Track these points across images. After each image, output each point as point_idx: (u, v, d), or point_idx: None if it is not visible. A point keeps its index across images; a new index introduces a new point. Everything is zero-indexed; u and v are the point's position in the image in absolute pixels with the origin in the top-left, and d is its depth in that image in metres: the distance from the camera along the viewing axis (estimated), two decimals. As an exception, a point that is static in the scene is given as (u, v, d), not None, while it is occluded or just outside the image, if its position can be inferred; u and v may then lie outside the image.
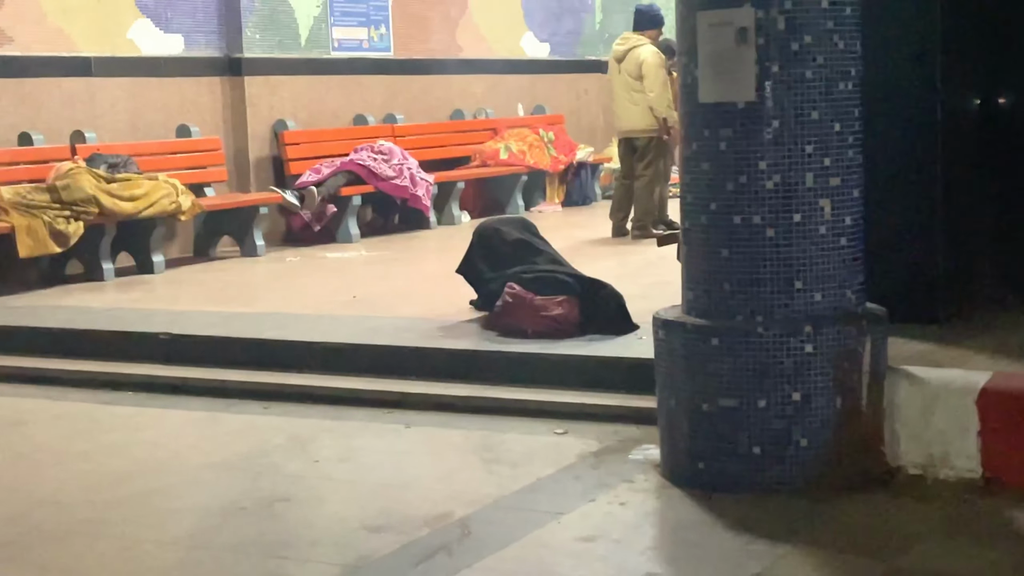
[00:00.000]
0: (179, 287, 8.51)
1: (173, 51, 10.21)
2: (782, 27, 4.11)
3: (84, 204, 8.52)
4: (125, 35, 9.87)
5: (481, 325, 6.26)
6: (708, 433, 4.21)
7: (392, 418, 5.39)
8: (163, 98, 10.10)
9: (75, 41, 9.50)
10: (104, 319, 7.16)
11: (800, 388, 4.13)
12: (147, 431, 5.46)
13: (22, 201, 8.36)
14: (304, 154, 10.85)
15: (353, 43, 11.64)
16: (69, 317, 7.27)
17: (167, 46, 10.17)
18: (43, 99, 9.28)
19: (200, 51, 10.41)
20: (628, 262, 8.35)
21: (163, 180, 9.11)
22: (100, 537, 4.09)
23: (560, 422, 5.14)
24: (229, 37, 10.59)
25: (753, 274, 4.17)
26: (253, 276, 9.14)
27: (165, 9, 10.13)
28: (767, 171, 4.14)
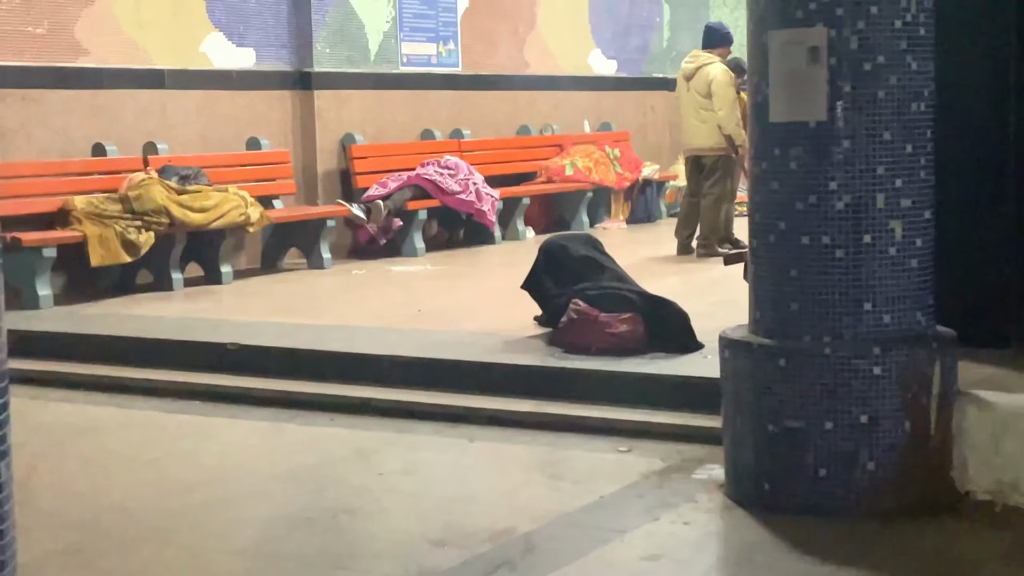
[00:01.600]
0: (247, 298, 8.59)
1: (244, 64, 10.30)
2: (855, 47, 4.09)
3: (155, 215, 8.61)
4: (198, 48, 9.98)
5: (545, 341, 6.26)
6: (774, 454, 4.19)
7: (456, 432, 5.40)
8: (234, 111, 10.19)
9: (149, 54, 9.61)
10: (173, 328, 7.24)
11: (868, 411, 4.09)
12: (214, 440, 5.51)
13: (95, 211, 8.47)
14: (371, 168, 10.91)
15: (422, 58, 11.71)
16: (138, 326, 7.36)
17: (239, 59, 10.26)
18: (117, 110, 9.39)
19: (271, 65, 10.50)
20: (693, 280, 8.32)
21: (232, 192, 9.20)
22: (168, 545, 4.12)
23: (624, 440, 5.13)
24: (300, 51, 10.68)
25: (822, 295, 4.15)
26: (319, 288, 9.20)
27: (238, 23, 10.23)
28: (837, 191, 4.12)
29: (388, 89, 11.36)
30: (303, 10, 10.61)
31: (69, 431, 5.69)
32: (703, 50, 10.19)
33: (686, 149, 10.41)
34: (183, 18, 9.86)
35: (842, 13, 4.08)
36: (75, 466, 5.14)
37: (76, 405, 6.19)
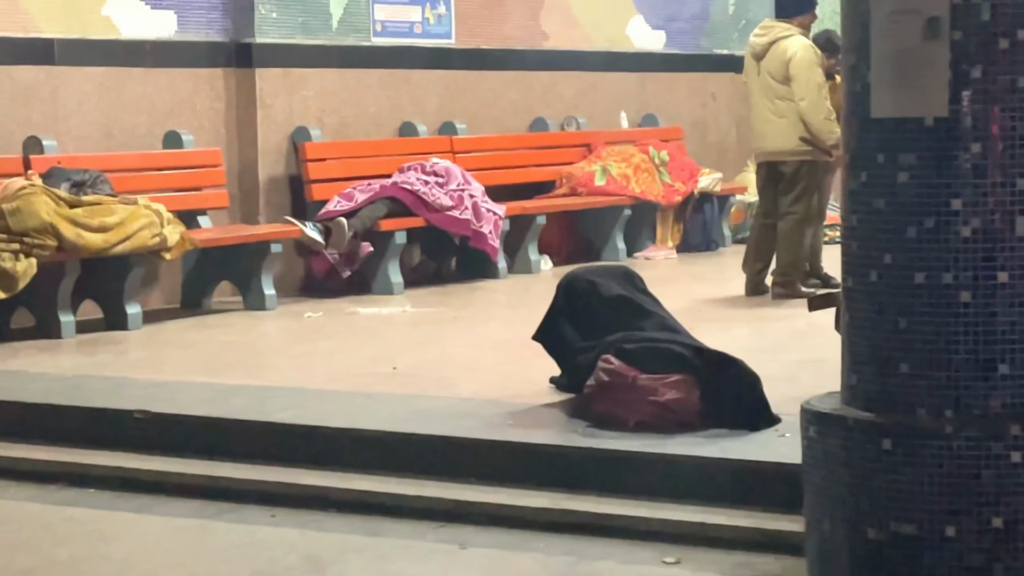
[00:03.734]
0: (161, 349, 8.60)
1: (162, 34, 10.36)
2: (987, 17, 4.10)
3: (38, 235, 8.61)
4: (100, 11, 10.02)
5: (566, 412, 6.27)
6: (877, 568, 4.18)
7: (443, 535, 5.38)
8: (147, 95, 10.24)
9: (34, 19, 9.65)
10: (60, 390, 7.22)
11: (1004, 511, 4.08)
12: (116, 543, 5.48)
13: (-43, 230, 8.50)
14: (332, 174, 10.96)
15: (402, 27, 11.76)
16: (13, 386, 7.34)
17: (155, 27, 10.32)
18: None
19: (198, 34, 10.55)
20: (767, 331, 8.32)
21: (143, 205, 9.19)
22: None
23: (671, 548, 5.11)
24: (236, 16, 10.73)
25: (942, 353, 4.15)
26: (260, 337, 9.21)
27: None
28: (963, 213, 4.12)
29: (356, 68, 11.41)
30: (240, -41, 10.70)
31: (-82, 529, 5.69)
32: (778, 19, 10.24)
33: (758, 152, 10.44)
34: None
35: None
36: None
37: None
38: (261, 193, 10.78)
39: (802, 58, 9.91)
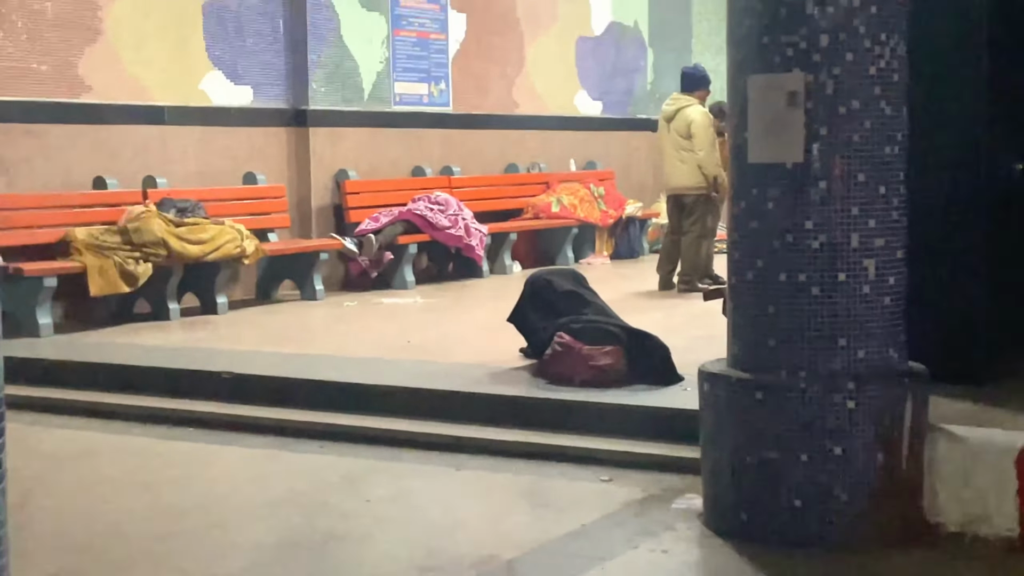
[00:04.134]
0: (241, 328, 8.56)
1: (242, 102, 10.30)
2: (831, 91, 4.10)
3: (153, 246, 8.60)
4: (197, 85, 9.98)
5: (530, 372, 6.25)
6: (751, 485, 4.18)
7: (443, 460, 5.38)
8: (231, 146, 10.19)
9: (150, 90, 9.61)
10: (169, 357, 7.21)
11: (842, 443, 4.08)
12: (207, 466, 5.48)
13: (95, 242, 8.45)
14: (364, 203, 10.90)
15: (414, 98, 11.73)
16: (135, 355, 7.33)
17: (237, 97, 10.26)
18: (118, 145, 9.37)
19: (268, 102, 10.50)
20: (674, 315, 8.31)
21: (229, 225, 9.18)
22: (159, 568, 4.10)
23: (605, 469, 5.11)
24: (295, 90, 10.68)
25: (797, 330, 4.14)
26: (312, 319, 9.18)
27: (236, 62, 10.23)
28: (813, 230, 4.12)
29: (381, 127, 11.37)
30: (299, 49, 10.63)
31: (66, 456, 5.66)
32: (682, 93, 10.21)
33: (667, 188, 10.43)
34: (183, 56, 9.87)
35: (819, 59, 4.09)
36: (71, 490, 5.10)
37: (73, 431, 6.16)
38: (313, 217, 10.75)
39: (700, 122, 9.92)
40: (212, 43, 10.06)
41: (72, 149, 9.08)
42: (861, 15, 4.09)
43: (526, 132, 13.08)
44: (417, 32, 11.74)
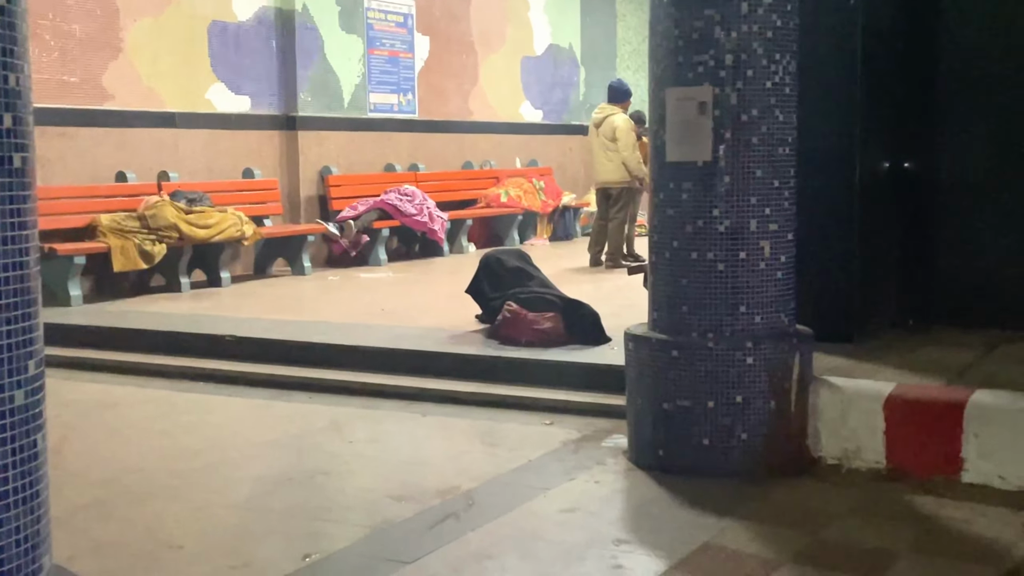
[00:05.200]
0: (241, 298, 8.49)
1: (241, 109, 10.21)
2: (734, 102, 4.11)
3: (167, 230, 8.55)
4: (203, 95, 9.87)
5: (484, 335, 6.24)
6: (667, 427, 4.20)
7: (412, 408, 5.36)
8: (232, 147, 10.09)
9: (163, 99, 9.50)
10: (181, 323, 7.13)
11: (742, 392, 4.11)
12: (215, 414, 5.43)
13: (117, 227, 8.40)
14: (344, 194, 10.85)
15: (386, 106, 11.66)
16: (153, 320, 7.26)
17: (237, 105, 10.16)
18: (136, 145, 9.27)
19: (263, 110, 10.41)
20: (602, 287, 8.33)
21: (231, 212, 9.12)
22: (176, 499, 4.06)
23: (547, 415, 5.12)
24: (286, 99, 10.60)
25: (706, 299, 4.16)
26: (301, 291, 9.11)
27: (236, 75, 10.14)
28: (719, 217, 4.14)
29: (358, 131, 11.30)
30: (289, 65, 10.54)
31: (95, 406, 5.59)
32: (608, 104, 10.22)
33: (596, 182, 10.44)
34: (191, 70, 9.76)
35: (724, 75, 4.10)
36: (99, 435, 5.05)
37: (101, 385, 6.09)
38: (301, 205, 10.68)
39: (623, 127, 9.93)
40: (216, 60, 9.94)
41: (98, 148, 8.98)
42: (759, 39, 4.10)
43: (479, 135, 13.05)
44: (388, 51, 11.65)
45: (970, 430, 3.94)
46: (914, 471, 4.04)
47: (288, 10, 10.53)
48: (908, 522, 3.64)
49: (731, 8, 4.07)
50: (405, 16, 11.84)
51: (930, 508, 3.76)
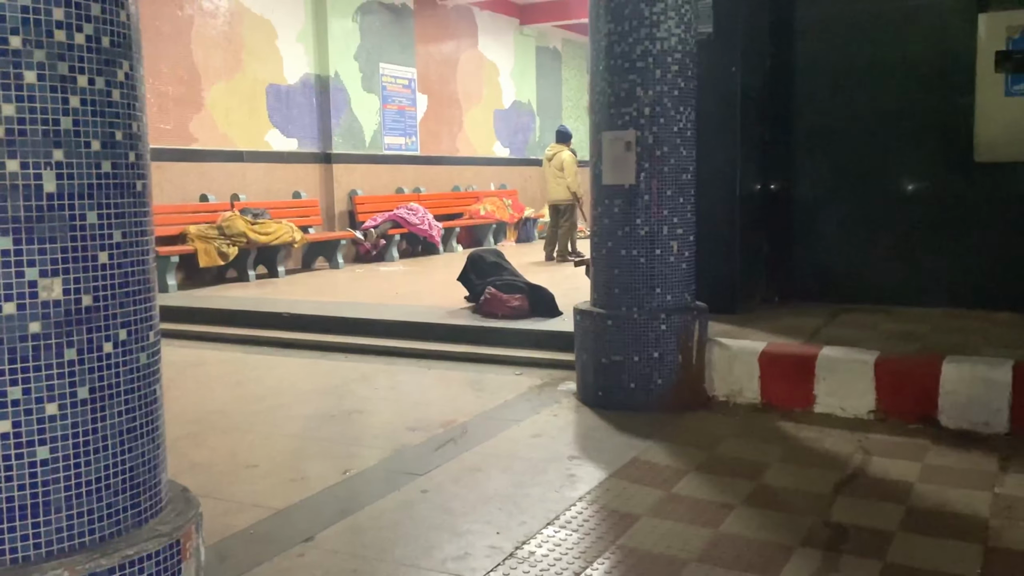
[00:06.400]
0: (293, 286, 8.41)
1: (291, 148, 10.10)
2: (651, 141, 4.12)
3: (238, 237, 8.45)
4: (263, 138, 9.76)
5: (471, 311, 6.22)
6: (605, 375, 4.22)
7: (420, 364, 5.35)
8: (285, 176, 9.99)
9: (234, 141, 9.39)
10: (250, 303, 7.05)
11: (658, 350, 4.14)
12: (275, 370, 5.39)
13: (201, 234, 8.29)
14: (367, 210, 10.75)
15: (396, 146, 11.57)
16: (229, 302, 7.17)
17: (288, 145, 10.05)
18: (214, 175, 9.15)
19: (306, 148, 10.31)
20: (555, 276, 8.31)
21: (285, 223, 9.03)
22: (249, 431, 4.03)
23: (518, 368, 5.13)
24: (324, 141, 10.49)
25: (632, 284, 4.18)
26: (337, 280, 9.04)
27: (287, 123, 10.02)
28: (641, 224, 4.16)
29: (377, 164, 11.22)
30: (325, 116, 10.43)
31: (187, 365, 5.53)
32: (557, 143, 10.20)
33: (548, 200, 10.40)
34: (254, 120, 9.64)
35: (644, 122, 4.11)
36: (191, 385, 5.00)
37: (191, 349, 6.02)
38: (336, 218, 10.59)
39: (568, 161, 9.90)
40: (272, 112, 9.83)
41: (186, 177, 8.85)
42: (668, 96, 4.12)
43: (464, 166, 12.99)
44: (398, 106, 11.56)
45: (820, 375, 3.99)
46: (780, 405, 4.09)
47: (324, 76, 10.42)
48: (776, 441, 3.69)
49: (648, 74, 4.08)
50: (410, 80, 11.75)
51: (792, 431, 3.80)
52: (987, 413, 3.64)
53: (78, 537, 1.61)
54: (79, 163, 1.59)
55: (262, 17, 9.69)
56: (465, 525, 2.88)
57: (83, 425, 1.61)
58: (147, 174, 1.78)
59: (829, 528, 2.78)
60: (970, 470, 3.26)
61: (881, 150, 5.30)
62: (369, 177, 11.07)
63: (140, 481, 1.71)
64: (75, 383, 1.60)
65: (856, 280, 5.39)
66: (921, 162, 5.21)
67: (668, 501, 3.03)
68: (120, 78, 1.65)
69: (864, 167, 5.35)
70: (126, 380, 1.68)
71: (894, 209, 5.29)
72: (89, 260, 1.60)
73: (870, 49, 5.27)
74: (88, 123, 1.60)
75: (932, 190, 5.20)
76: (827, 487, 3.13)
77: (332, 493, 3.21)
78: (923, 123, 5.17)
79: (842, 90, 5.38)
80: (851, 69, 5.34)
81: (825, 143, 5.45)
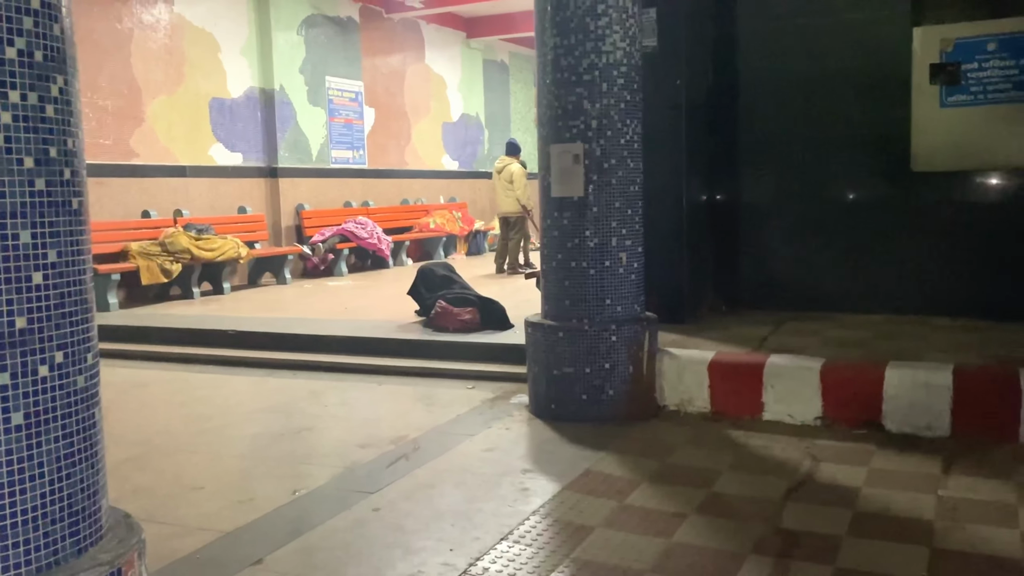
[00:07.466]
0: (240, 303, 8.28)
1: (236, 162, 9.96)
2: (599, 154, 4.15)
3: (181, 253, 8.29)
4: (207, 152, 9.61)
5: (422, 325, 6.19)
6: (557, 387, 4.22)
7: (370, 380, 5.30)
8: (230, 191, 9.84)
9: (176, 155, 9.22)
10: (195, 321, 6.92)
11: (609, 360, 4.16)
12: (221, 389, 5.29)
13: (143, 251, 8.12)
14: (314, 224, 10.64)
15: (343, 159, 11.49)
16: (172, 320, 7.03)
17: (232, 160, 9.91)
18: (157, 190, 8.97)
19: (252, 163, 10.17)
20: (506, 288, 8.33)
21: (230, 239, 8.88)
22: (194, 453, 3.94)
23: (470, 381, 5.11)
24: (269, 155, 10.37)
25: (582, 295, 4.20)
26: (284, 296, 8.92)
27: (231, 137, 9.89)
28: (590, 236, 4.18)
29: (324, 177, 11.12)
30: (271, 130, 10.32)
31: (129, 386, 5.40)
32: (506, 156, 10.23)
33: (498, 213, 10.42)
34: (197, 133, 9.48)
35: (591, 135, 4.14)
36: (134, 407, 4.88)
37: (133, 370, 5.88)
38: (282, 233, 10.46)
39: (518, 173, 9.94)
40: (216, 126, 9.69)
41: (127, 193, 8.67)
42: (615, 109, 4.15)
43: (413, 179, 12.96)
44: (345, 119, 11.48)
45: (768, 383, 4.04)
46: (730, 413, 4.13)
47: (269, 89, 10.31)
48: (727, 449, 3.72)
49: (595, 88, 4.12)
50: (356, 93, 11.69)
51: (741, 439, 3.85)
52: (929, 417, 3.73)
53: (14, 569, 1.55)
54: (11, 181, 1.54)
55: (204, 30, 9.56)
56: (418, 543, 2.85)
57: (18, 452, 1.55)
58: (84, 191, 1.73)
59: (780, 535, 2.81)
60: (914, 473, 3.33)
61: (823, 160, 5.42)
62: (316, 191, 10.96)
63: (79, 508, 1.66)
64: (9, 408, 1.54)
65: (801, 288, 5.49)
66: (861, 172, 5.35)
67: (621, 512, 3.04)
68: (54, 93, 1.61)
69: (807, 177, 5.47)
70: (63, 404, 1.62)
71: (836, 218, 5.42)
72: (23, 281, 1.55)
73: (811, 62, 5.40)
74: (20, 139, 1.55)
75: (872, 199, 5.33)
76: (777, 494, 3.17)
77: (281, 514, 3.15)
78: (863, 134, 5.31)
79: (785, 102, 5.49)
80: (793, 82, 5.46)
81: (769, 154, 5.56)
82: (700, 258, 5.38)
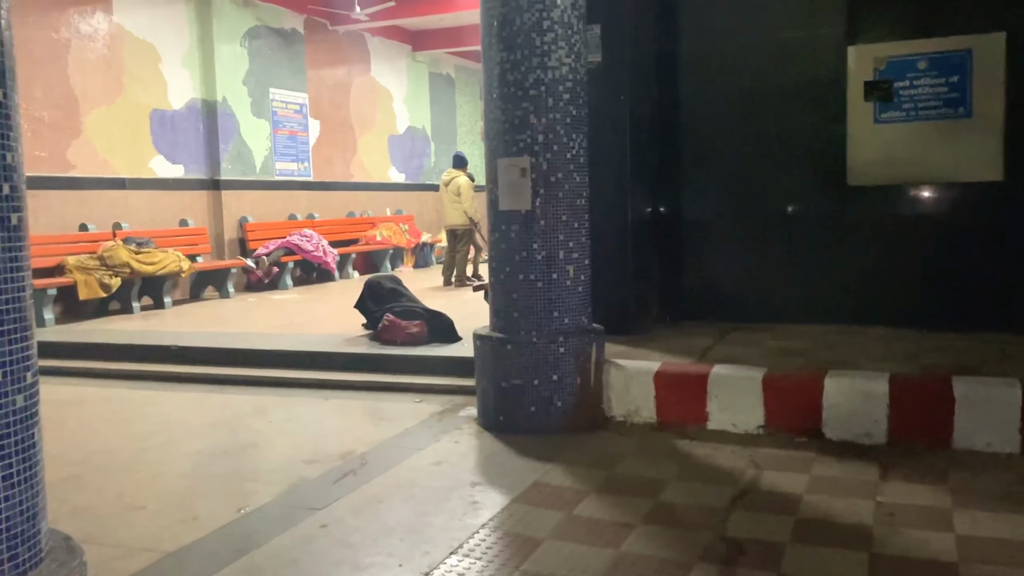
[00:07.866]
0: (181, 317, 8.10)
1: (177, 175, 9.77)
2: (545, 168, 4.19)
3: (121, 267, 8.10)
4: (148, 164, 9.41)
5: (369, 338, 6.15)
6: (505, 399, 4.23)
7: (317, 394, 5.24)
8: (171, 203, 9.65)
9: (115, 167, 9.01)
10: (134, 336, 6.76)
11: (557, 373, 4.18)
12: (163, 405, 5.18)
13: (81, 265, 7.91)
14: (258, 236, 10.49)
15: (288, 171, 11.36)
16: (111, 335, 6.85)
17: (173, 172, 9.72)
18: (95, 203, 8.74)
19: (193, 175, 9.99)
20: (453, 300, 8.32)
21: (171, 252, 8.70)
22: (137, 471, 3.85)
23: (418, 395, 5.09)
24: (211, 167, 10.20)
25: (530, 308, 4.21)
26: (227, 310, 8.77)
27: (172, 149, 9.70)
28: (538, 249, 4.20)
29: (268, 190, 10.97)
30: (213, 141, 10.15)
31: (67, 403, 5.24)
32: (454, 168, 10.25)
33: (446, 225, 10.41)
34: (137, 145, 9.28)
35: (538, 149, 4.17)
36: (73, 425, 4.74)
37: (71, 387, 5.72)
38: (225, 246, 10.28)
39: (465, 186, 9.95)
40: (156, 138, 9.49)
41: (64, 206, 8.43)
42: (561, 123, 4.19)
43: (359, 192, 12.86)
44: (289, 131, 11.36)
45: (712, 392, 4.11)
46: (675, 423, 4.17)
47: (212, 101, 10.15)
48: (673, 459, 3.76)
49: (541, 102, 4.15)
50: (301, 105, 11.58)
51: (687, 448, 3.90)
52: (867, 424, 3.83)
53: (-52, 596, 1.50)
54: (-53, 196, 1.50)
55: (144, 41, 9.38)
56: (367, 558, 2.83)
57: (-47, 475, 1.51)
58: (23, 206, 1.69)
59: (725, 543, 2.86)
60: (854, 480, 3.42)
61: (763, 174, 5.55)
62: (260, 204, 10.81)
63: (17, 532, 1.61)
64: (-57, 430, 1.49)
65: (742, 299, 5.60)
66: (800, 185, 5.49)
67: (570, 523, 3.05)
68: (-8, 106, 1.57)
69: (747, 190, 5.59)
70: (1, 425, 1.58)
71: (776, 230, 5.54)
72: (-41, 299, 1.51)
73: (751, 79, 5.53)
74: (-43, 154, 1.52)
75: (810, 212, 5.47)
76: (722, 502, 3.22)
77: (226, 532, 3.10)
78: (801, 148, 5.45)
79: (726, 117, 5.62)
80: (734, 98, 5.59)
81: (711, 167, 5.67)
82: (645, 270, 5.45)
